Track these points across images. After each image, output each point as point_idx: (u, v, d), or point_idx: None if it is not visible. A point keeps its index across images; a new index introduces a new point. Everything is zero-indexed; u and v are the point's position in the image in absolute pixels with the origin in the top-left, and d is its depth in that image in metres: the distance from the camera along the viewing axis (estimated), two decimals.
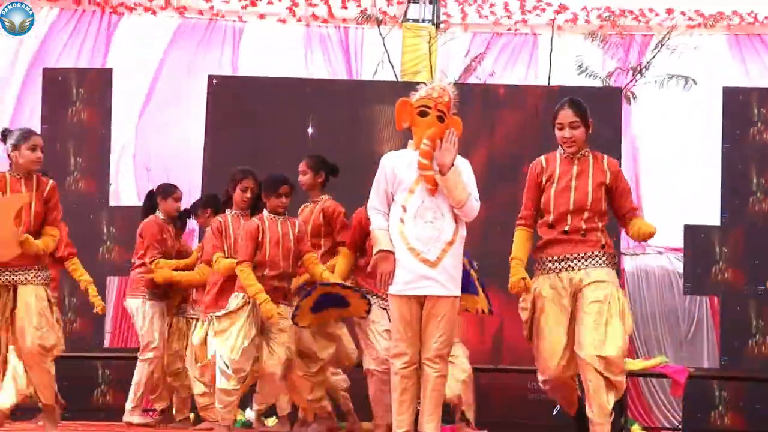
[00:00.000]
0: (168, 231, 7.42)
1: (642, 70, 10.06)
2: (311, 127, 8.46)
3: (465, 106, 5.43)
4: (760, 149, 8.51)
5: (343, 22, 10.89)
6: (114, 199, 9.45)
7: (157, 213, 7.43)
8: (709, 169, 8.95)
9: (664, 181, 10.28)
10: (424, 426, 4.95)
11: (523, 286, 5.02)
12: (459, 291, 5.05)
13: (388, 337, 5.78)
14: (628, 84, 10.01)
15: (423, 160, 4.94)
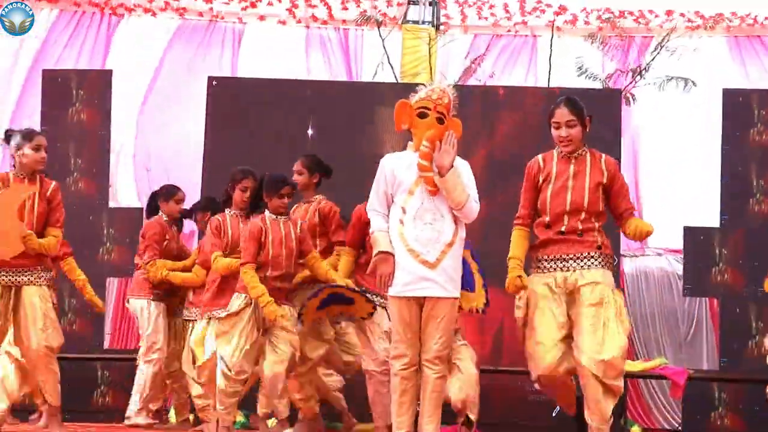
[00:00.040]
0: (170, 232, 7.43)
1: (642, 72, 10.05)
2: (311, 129, 8.45)
3: (465, 107, 5.44)
4: (759, 151, 8.51)
5: (342, 23, 10.88)
6: (114, 200, 9.46)
7: (160, 214, 7.44)
8: (709, 171, 8.94)
9: (663, 183, 10.27)
10: (423, 427, 4.96)
11: (520, 284, 5.02)
12: (459, 292, 5.06)
13: (388, 338, 5.78)
14: (627, 86, 10.00)
15: (423, 162, 4.94)
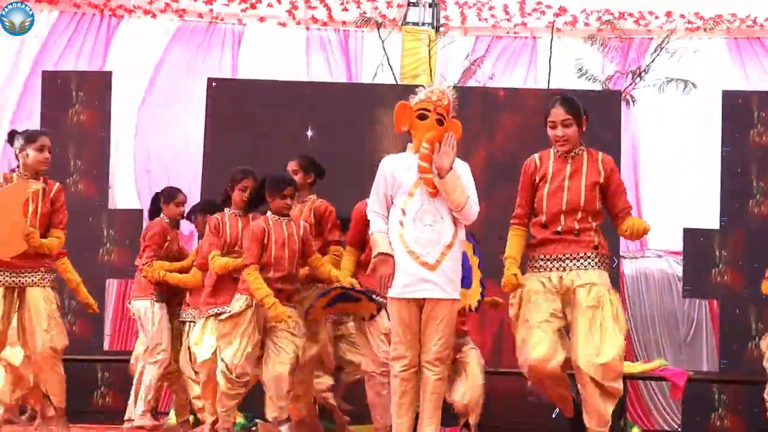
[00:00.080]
0: (172, 234, 7.43)
1: (641, 74, 10.05)
2: (311, 130, 8.45)
3: (464, 109, 5.44)
4: (759, 152, 8.52)
5: (342, 25, 10.88)
6: (113, 201, 9.46)
7: (161, 216, 7.44)
8: (709, 173, 8.95)
9: (663, 185, 10.27)
10: (423, 429, 4.95)
11: (515, 282, 5.00)
12: (458, 294, 5.05)
13: (387, 340, 5.78)
14: (627, 87, 10.00)
15: (422, 163, 4.93)
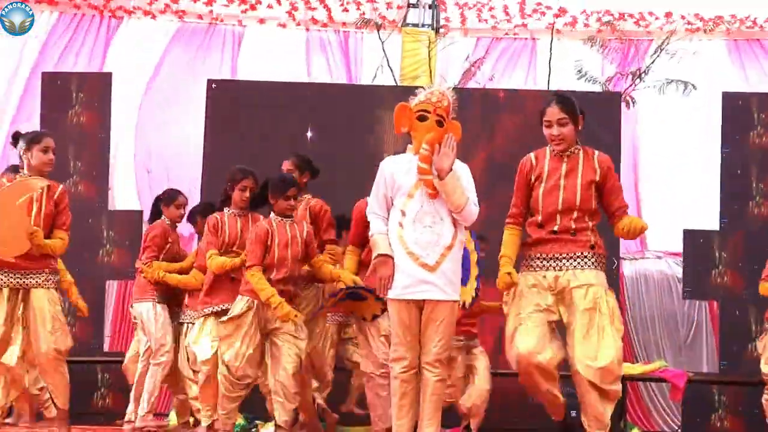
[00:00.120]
0: (173, 236, 7.42)
1: (641, 75, 10.05)
2: (310, 131, 8.46)
3: (464, 110, 5.44)
4: (759, 154, 8.52)
5: (342, 26, 10.89)
6: (113, 202, 9.45)
7: (162, 218, 7.44)
8: (709, 174, 8.95)
9: (663, 186, 10.27)
10: (423, 430, 4.95)
11: (509, 280, 5.00)
12: (458, 295, 5.05)
13: (387, 341, 5.78)
14: (627, 89, 10.00)
15: (422, 165, 4.93)
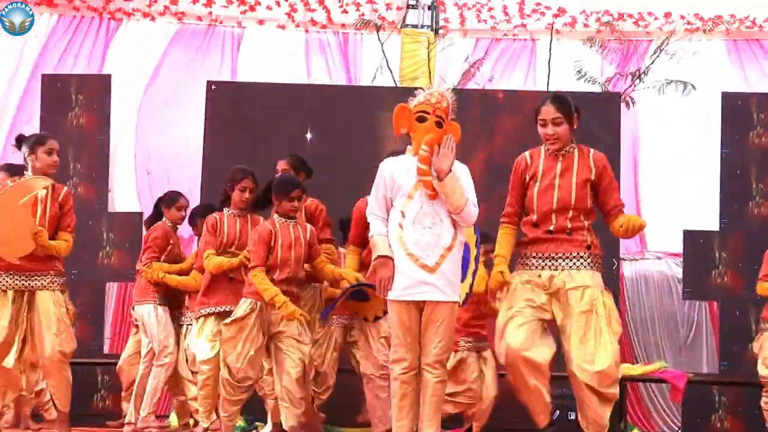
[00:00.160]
0: (174, 238, 7.42)
1: (641, 76, 10.05)
2: (310, 133, 8.46)
3: (464, 111, 5.43)
4: (758, 154, 8.53)
5: (342, 27, 10.89)
6: (113, 204, 9.45)
7: (164, 220, 7.44)
8: (708, 174, 8.95)
9: (663, 186, 10.27)
10: (423, 431, 4.94)
11: (501, 279, 4.99)
12: (458, 296, 5.04)
13: (387, 343, 5.78)
14: (627, 89, 10.00)
15: (421, 166, 4.93)
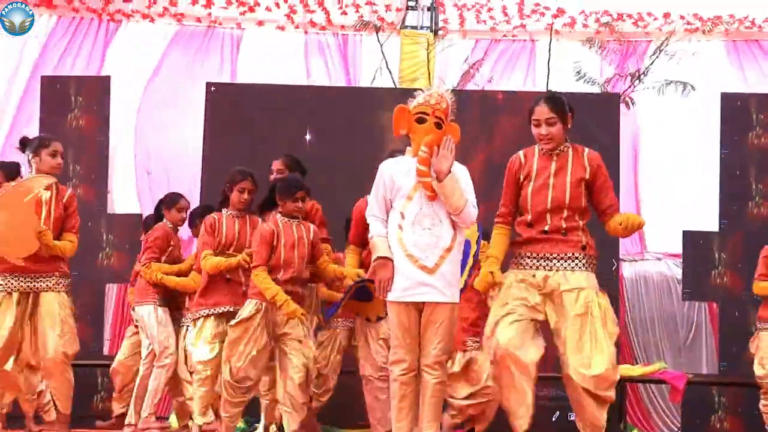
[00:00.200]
0: (175, 239, 7.42)
1: (640, 76, 10.05)
2: (309, 134, 8.46)
3: (463, 112, 5.43)
4: (758, 154, 8.53)
5: (341, 28, 10.89)
6: (112, 206, 9.45)
7: (164, 221, 7.44)
8: (708, 175, 8.95)
9: (662, 187, 10.27)
10: None
11: (490, 280, 4.98)
12: (458, 297, 5.04)
13: (386, 344, 5.78)
14: (626, 90, 10.00)
15: (421, 167, 4.93)
